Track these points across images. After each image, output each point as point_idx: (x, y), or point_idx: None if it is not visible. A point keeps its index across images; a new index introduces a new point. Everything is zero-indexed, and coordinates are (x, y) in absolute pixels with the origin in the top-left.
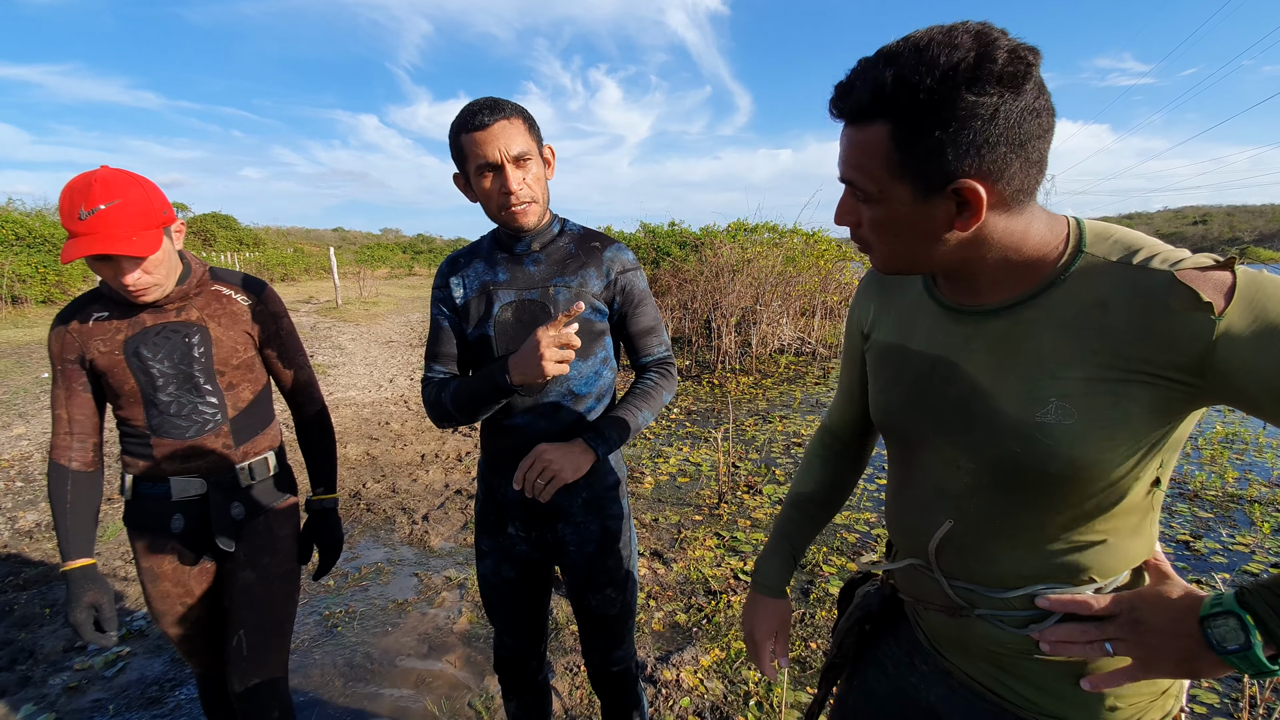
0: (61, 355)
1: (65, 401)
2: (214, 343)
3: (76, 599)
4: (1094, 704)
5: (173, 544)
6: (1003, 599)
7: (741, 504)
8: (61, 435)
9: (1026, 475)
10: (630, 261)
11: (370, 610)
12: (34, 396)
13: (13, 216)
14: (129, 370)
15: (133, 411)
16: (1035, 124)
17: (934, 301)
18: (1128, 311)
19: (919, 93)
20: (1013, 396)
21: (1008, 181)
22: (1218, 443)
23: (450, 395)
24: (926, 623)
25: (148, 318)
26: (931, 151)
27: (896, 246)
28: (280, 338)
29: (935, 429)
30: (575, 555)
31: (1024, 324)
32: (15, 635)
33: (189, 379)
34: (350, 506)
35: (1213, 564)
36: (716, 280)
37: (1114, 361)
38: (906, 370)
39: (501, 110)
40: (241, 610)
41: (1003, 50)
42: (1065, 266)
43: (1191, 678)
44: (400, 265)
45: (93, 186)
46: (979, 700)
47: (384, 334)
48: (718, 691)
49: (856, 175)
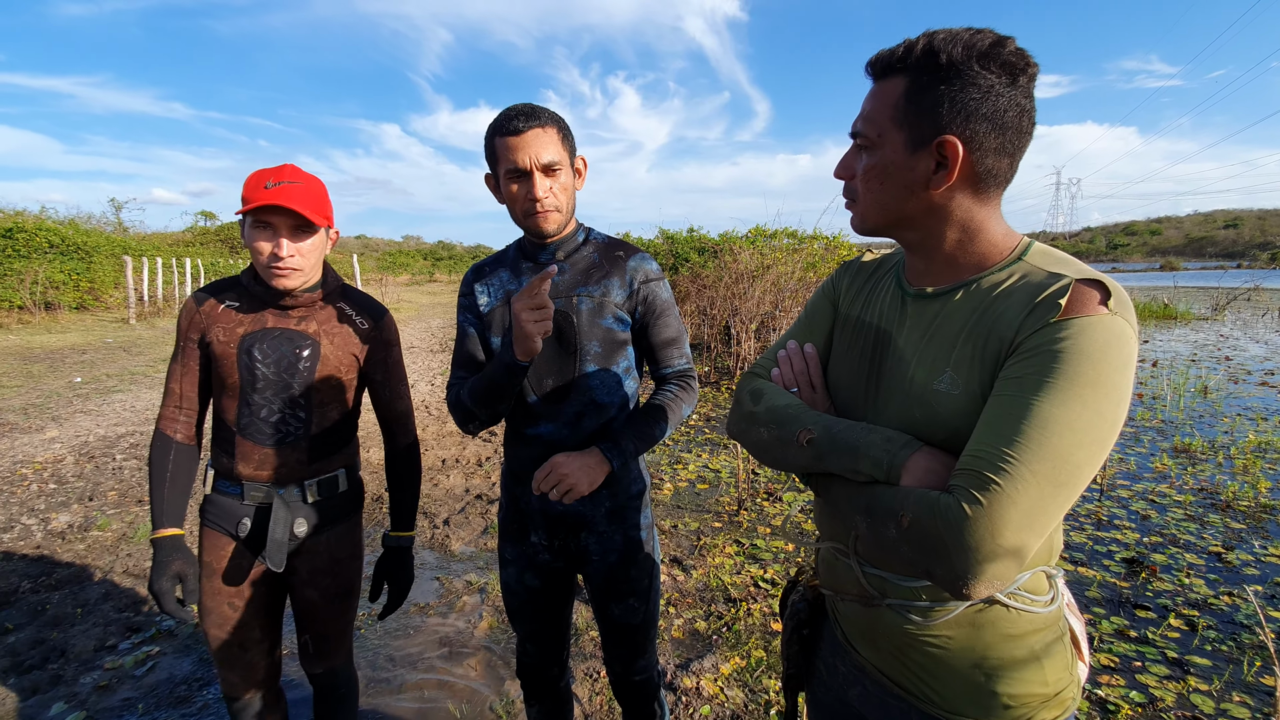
0: (187, 331)
1: (180, 376)
2: (321, 359)
3: (163, 567)
4: (989, 700)
5: (236, 545)
6: (910, 588)
7: (761, 511)
8: (171, 408)
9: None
10: (654, 272)
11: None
12: (66, 400)
13: (46, 224)
14: (236, 365)
15: (228, 405)
16: (1018, 119)
17: (897, 285)
18: (1023, 300)
19: (940, 56)
20: (923, 365)
21: (981, 157)
22: (1250, 452)
23: (468, 390)
24: (843, 616)
25: (271, 318)
26: (932, 105)
27: (880, 195)
28: (387, 366)
29: (866, 398)
30: (598, 564)
31: (950, 305)
32: (48, 634)
33: (286, 388)
34: (373, 510)
35: (1245, 576)
36: (736, 286)
37: (992, 343)
38: (857, 340)
39: (537, 118)
40: (305, 620)
41: (1012, 45)
42: (1002, 267)
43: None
44: (421, 271)
45: (284, 169)
46: (888, 696)
47: (405, 340)
48: (738, 700)
49: (864, 124)
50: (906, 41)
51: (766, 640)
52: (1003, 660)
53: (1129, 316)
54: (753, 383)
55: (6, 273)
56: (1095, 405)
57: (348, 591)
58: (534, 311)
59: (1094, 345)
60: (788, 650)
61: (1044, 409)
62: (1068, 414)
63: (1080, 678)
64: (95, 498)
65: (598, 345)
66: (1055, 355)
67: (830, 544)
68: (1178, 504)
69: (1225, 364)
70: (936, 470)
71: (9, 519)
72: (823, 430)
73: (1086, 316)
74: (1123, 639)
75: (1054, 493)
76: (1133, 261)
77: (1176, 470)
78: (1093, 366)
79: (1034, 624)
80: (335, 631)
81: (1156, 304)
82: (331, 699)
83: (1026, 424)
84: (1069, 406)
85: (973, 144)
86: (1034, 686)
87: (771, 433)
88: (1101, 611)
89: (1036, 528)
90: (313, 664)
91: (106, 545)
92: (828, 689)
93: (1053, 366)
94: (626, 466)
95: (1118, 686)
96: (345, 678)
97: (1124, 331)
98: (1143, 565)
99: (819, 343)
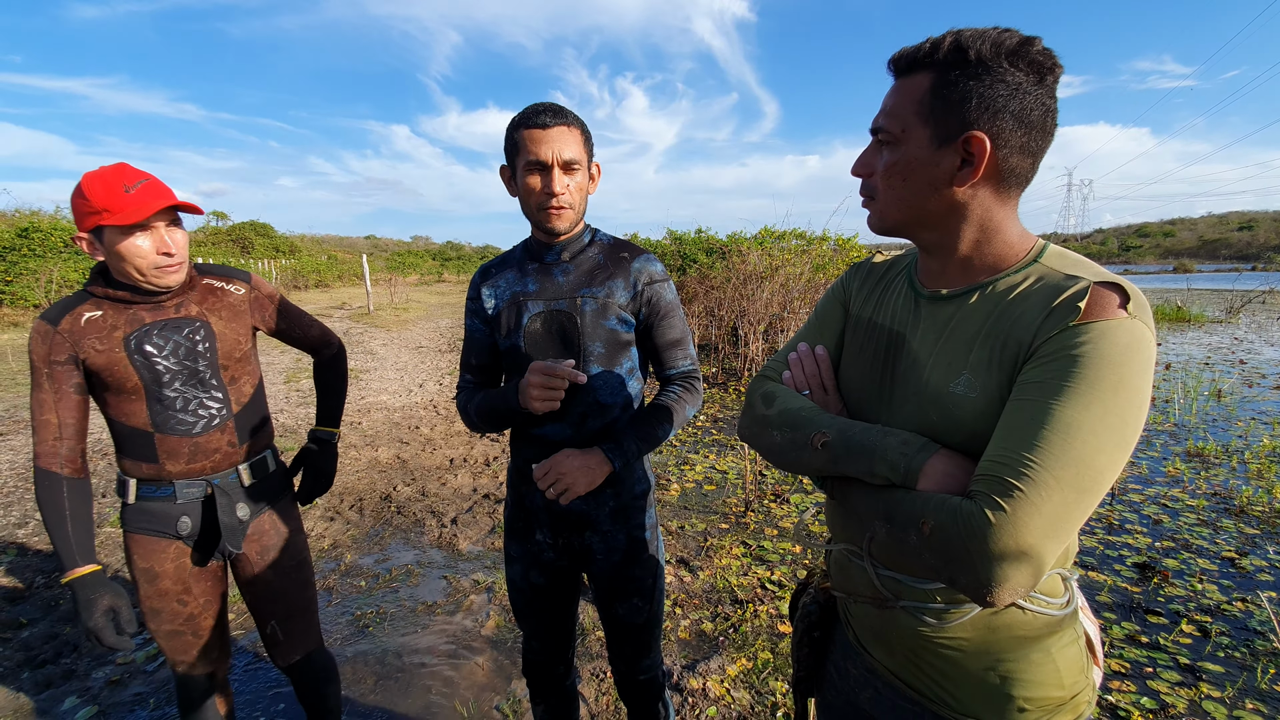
0: (48, 357)
1: (54, 405)
2: (218, 337)
3: (91, 605)
4: (1004, 704)
5: (177, 545)
6: (925, 590)
7: (768, 513)
8: (49, 441)
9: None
10: (659, 273)
11: (400, 611)
12: None
13: (61, 224)
14: (131, 367)
15: (133, 409)
16: (1043, 118)
17: (909, 286)
18: (1040, 303)
19: (969, 52)
20: (939, 368)
21: (1007, 155)
22: (1265, 457)
23: (475, 408)
24: (855, 618)
25: (145, 314)
26: (960, 100)
27: (901, 192)
28: (286, 313)
29: (879, 401)
30: (602, 564)
31: (966, 307)
32: (60, 629)
33: (194, 374)
34: (381, 509)
35: (1259, 582)
36: (744, 287)
37: (1009, 346)
38: (870, 342)
39: (564, 116)
40: (266, 604)
41: (1040, 44)
42: (1018, 269)
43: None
44: (430, 272)
45: (125, 169)
46: (900, 699)
47: (414, 339)
48: (745, 702)
49: (886, 120)
50: (931, 39)
51: (773, 642)
52: (1018, 663)
53: (1147, 320)
54: (764, 386)
55: (22, 272)
56: (1117, 410)
57: (301, 563)
58: (544, 390)
59: (1115, 349)
60: (798, 652)
61: (1066, 414)
62: (1089, 419)
63: (1095, 682)
64: (108, 494)
65: (601, 346)
66: (1076, 360)
67: (843, 545)
68: (1190, 509)
69: (1239, 367)
70: (955, 473)
71: (23, 514)
72: (837, 433)
73: (1106, 320)
74: (1134, 644)
75: (1077, 498)
76: (1145, 263)
77: (1189, 474)
78: (1114, 371)
79: (1049, 626)
80: (300, 608)
81: (1170, 306)
82: (315, 684)
83: (1048, 429)
84: (1091, 411)
85: (999, 141)
86: (1050, 690)
87: (785, 436)
88: (1113, 616)
89: (1060, 534)
90: (286, 653)
91: (118, 541)
92: (838, 692)
93: (1073, 371)
94: (630, 467)
95: (1129, 692)
96: (322, 661)
97: (1143, 335)
98: (1154, 570)
99: (830, 345)
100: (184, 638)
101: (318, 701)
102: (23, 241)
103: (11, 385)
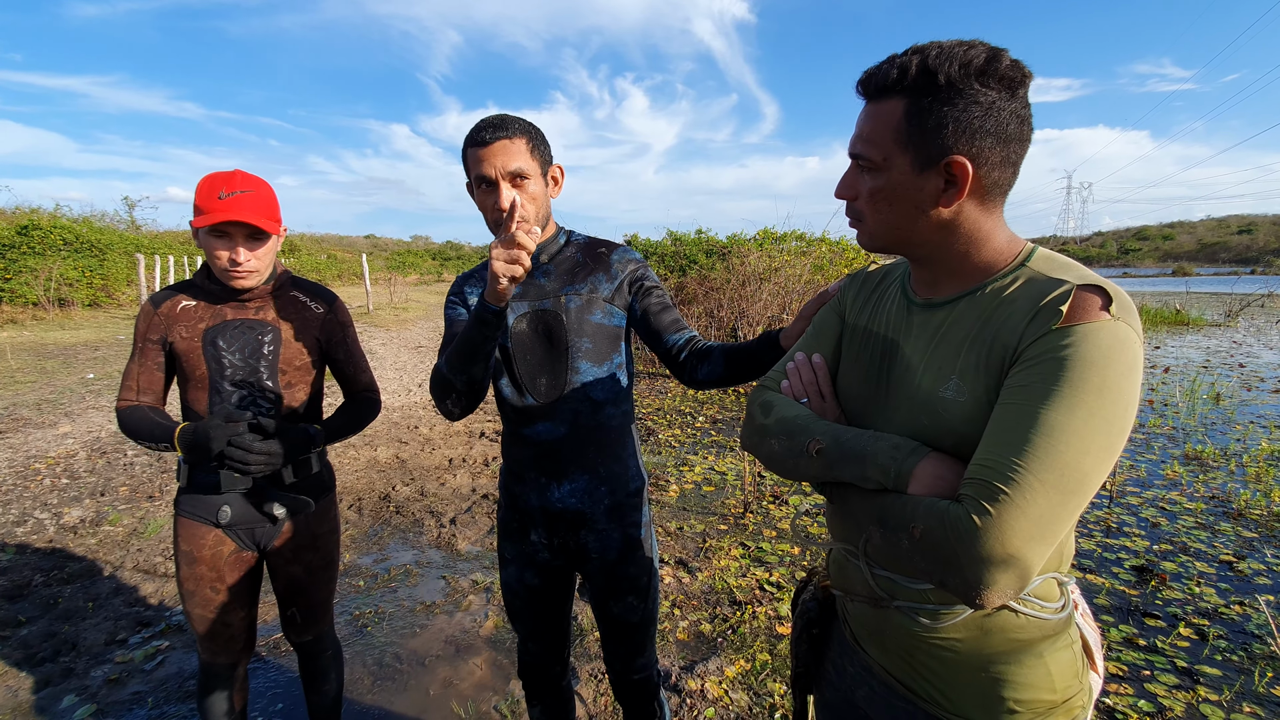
0: (145, 334)
1: (137, 373)
2: (283, 344)
3: (208, 429)
4: (995, 705)
5: (216, 534)
6: (919, 590)
7: (767, 514)
8: (129, 394)
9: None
10: (637, 259)
11: (399, 611)
12: (79, 396)
13: (60, 222)
14: (203, 357)
15: (198, 396)
16: (1019, 129)
17: (902, 294)
18: (1026, 307)
19: (938, 76)
20: (930, 373)
21: (988, 171)
22: (1263, 460)
23: (445, 358)
24: (852, 616)
25: (229, 311)
26: (936, 126)
27: (889, 216)
28: (346, 345)
29: (875, 407)
30: (597, 562)
31: (955, 312)
32: (59, 628)
33: (254, 373)
34: (380, 509)
35: (1257, 585)
36: (743, 289)
37: (996, 350)
38: (865, 350)
39: (504, 129)
40: (291, 595)
41: (1007, 58)
42: (1006, 274)
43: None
44: (429, 271)
45: (235, 176)
46: (895, 697)
47: (413, 339)
48: (743, 703)
49: (865, 147)
50: (898, 61)
51: (772, 643)
52: (1010, 665)
53: (1132, 321)
54: (763, 395)
55: (21, 269)
56: (1101, 412)
57: (329, 563)
58: (506, 252)
59: (1097, 351)
60: (796, 649)
61: (1050, 417)
62: (1074, 421)
63: (1092, 687)
64: (107, 493)
65: (588, 342)
66: (1059, 363)
67: (841, 545)
68: (1188, 512)
69: (1238, 371)
70: (944, 476)
71: (22, 513)
72: (831, 440)
73: (1088, 323)
74: (1131, 647)
75: (1063, 501)
76: (1145, 266)
77: (1188, 478)
78: (1097, 373)
79: (1043, 630)
80: (320, 601)
81: (1169, 310)
82: (321, 660)
83: (1033, 433)
84: (1075, 414)
85: (979, 160)
86: (1041, 693)
87: (783, 444)
88: (1110, 619)
89: (1046, 536)
90: (300, 633)
91: (118, 540)
92: (835, 689)
93: (1057, 374)
94: (623, 463)
95: (1126, 695)
96: (331, 640)
97: (1127, 336)
98: (1152, 573)
99: (827, 353)
100: (213, 624)
101: (320, 677)
102: (22, 239)
103: (10, 384)
